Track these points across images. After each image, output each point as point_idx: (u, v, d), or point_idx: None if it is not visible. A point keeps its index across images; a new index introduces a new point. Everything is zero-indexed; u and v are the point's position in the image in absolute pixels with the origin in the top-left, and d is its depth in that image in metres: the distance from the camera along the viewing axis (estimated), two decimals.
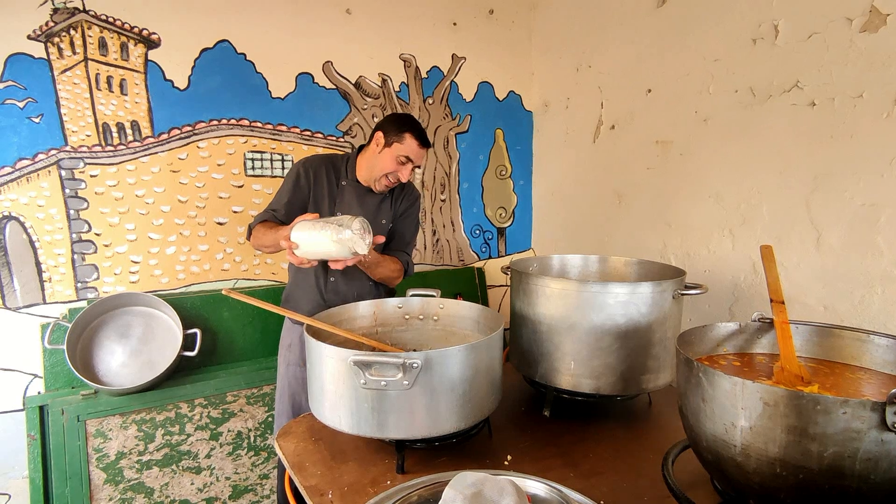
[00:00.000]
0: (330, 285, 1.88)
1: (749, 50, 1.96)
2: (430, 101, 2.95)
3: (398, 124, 1.79)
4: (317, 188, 1.83)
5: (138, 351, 2.17)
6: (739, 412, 0.89)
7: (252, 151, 2.49)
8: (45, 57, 2.08)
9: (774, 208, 1.91)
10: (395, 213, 1.95)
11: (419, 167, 1.93)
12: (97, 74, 2.17)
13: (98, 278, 2.23)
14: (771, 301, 1.17)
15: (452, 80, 3.00)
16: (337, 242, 1.46)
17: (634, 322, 1.38)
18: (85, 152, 2.17)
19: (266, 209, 1.82)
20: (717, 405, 0.92)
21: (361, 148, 1.91)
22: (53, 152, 2.12)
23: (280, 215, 1.78)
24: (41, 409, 1.96)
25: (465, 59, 3.02)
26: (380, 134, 1.79)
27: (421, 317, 1.61)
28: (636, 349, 1.40)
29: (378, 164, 1.80)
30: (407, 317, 1.61)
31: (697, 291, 1.42)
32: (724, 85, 2.06)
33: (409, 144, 1.77)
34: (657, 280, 1.42)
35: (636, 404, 1.60)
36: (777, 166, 1.90)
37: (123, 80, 2.22)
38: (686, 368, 1.01)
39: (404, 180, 1.84)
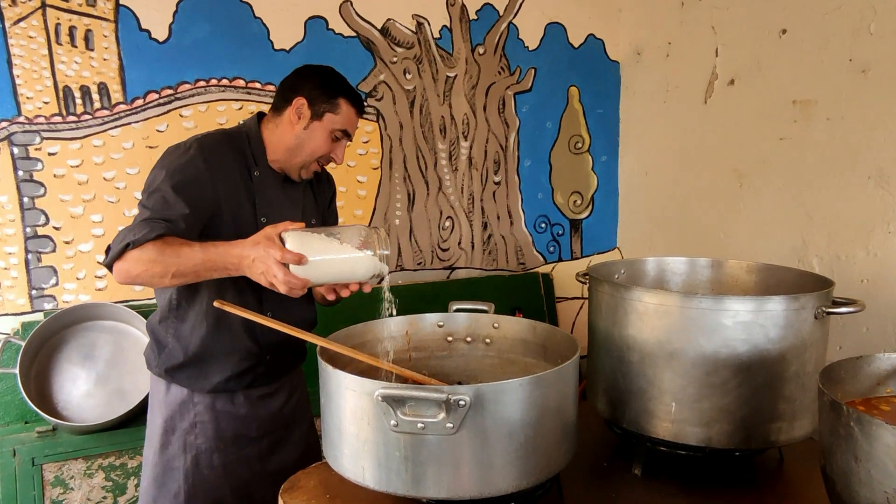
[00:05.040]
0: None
1: None
2: (481, 51, 2.97)
3: (326, 87, 1.69)
4: (226, 184, 1.64)
5: (106, 377, 2.28)
6: None
7: None
8: None
9: None
10: (321, 208, 1.90)
11: (350, 142, 1.85)
12: (57, 25, 2.30)
13: (57, 284, 2.36)
14: None
15: (511, 22, 3.02)
16: (365, 262, 1.45)
17: (760, 350, 1.37)
18: (42, 123, 2.30)
19: (151, 219, 1.48)
20: (875, 466, 0.91)
21: (261, 118, 1.77)
22: (4, 125, 2.26)
23: (180, 230, 1.51)
24: None
25: None
26: (301, 101, 1.66)
27: (468, 339, 1.63)
28: (762, 388, 1.38)
29: (308, 144, 1.69)
30: (450, 339, 1.63)
31: (851, 309, 1.39)
32: (893, 22, 2.00)
33: (345, 114, 1.69)
34: (793, 293, 1.40)
35: (762, 462, 1.58)
36: None
37: (89, 30, 2.34)
38: (832, 415, 1.00)
39: (340, 162, 1.76)
